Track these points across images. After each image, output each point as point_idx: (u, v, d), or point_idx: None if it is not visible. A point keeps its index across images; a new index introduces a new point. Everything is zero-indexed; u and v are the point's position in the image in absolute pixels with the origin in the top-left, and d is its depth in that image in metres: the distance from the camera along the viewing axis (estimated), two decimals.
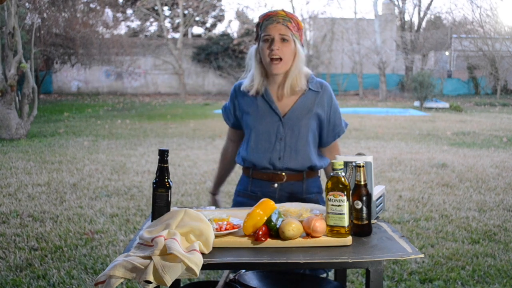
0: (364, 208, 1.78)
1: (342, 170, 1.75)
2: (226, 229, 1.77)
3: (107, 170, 7.29)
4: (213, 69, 30.94)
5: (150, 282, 1.47)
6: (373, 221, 1.95)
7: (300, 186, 2.31)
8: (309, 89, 2.30)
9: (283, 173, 2.29)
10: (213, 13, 34.31)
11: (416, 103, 21.44)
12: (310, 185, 2.34)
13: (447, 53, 32.34)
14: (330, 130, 2.35)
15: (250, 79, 2.32)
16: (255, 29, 2.35)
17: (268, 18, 2.24)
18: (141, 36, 31.72)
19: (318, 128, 2.33)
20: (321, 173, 2.46)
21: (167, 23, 31.91)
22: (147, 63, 31.13)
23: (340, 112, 2.40)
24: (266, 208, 1.77)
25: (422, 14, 32.22)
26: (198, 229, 1.65)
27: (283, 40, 2.21)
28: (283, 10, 2.26)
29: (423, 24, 32.73)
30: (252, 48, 2.33)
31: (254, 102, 2.32)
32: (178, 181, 6.54)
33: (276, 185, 2.30)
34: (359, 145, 10.05)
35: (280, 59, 2.21)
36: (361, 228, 1.80)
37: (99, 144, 9.99)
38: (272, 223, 1.73)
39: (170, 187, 1.82)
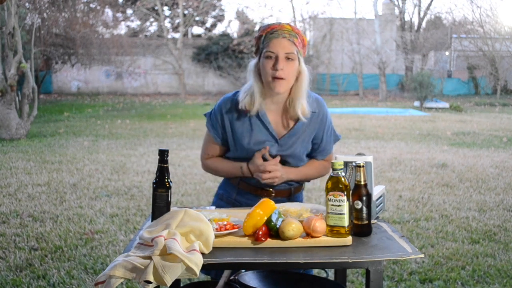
0: (364, 208, 1.78)
1: (342, 170, 1.75)
2: (226, 229, 1.77)
3: (107, 170, 7.29)
4: (213, 69, 30.94)
5: (150, 282, 1.47)
6: (373, 221, 1.95)
7: (286, 201, 2.24)
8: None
9: (271, 189, 2.23)
10: (213, 13, 34.30)
11: (416, 103, 21.43)
12: (295, 199, 2.30)
13: (447, 53, 32.33)
14: (319, 152, 2.28)
15: (249, 97, 2.11)
16: (254, 42, 2.14)
17: (272, 32, 2.02)
18: (141, 36, 31.70)
19: (311, 146, 2.26)
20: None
21: (167, 23, 31.91)
22: (147, 63, 31.11)
23: (333, 128, 2.29)
24: (266, 208, 1.77)
25: (422, 14, 32.22)
26: (198, 229, 1.65)
27: (288, 58, 2.01)
28: (289, 24, 2.04)
29: (423, 24, 32.72)
30: (252, 63, 2.13)
31: (248, 122, 2.16)
32: (178, 181, 6.54)
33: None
34: (359, 145, 10.05)
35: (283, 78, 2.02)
36: (361, 228, 1.80)
37: (99, 144, 9.98)
38: (272, 223, 1.73)
39: (170, 187, 1.82)
